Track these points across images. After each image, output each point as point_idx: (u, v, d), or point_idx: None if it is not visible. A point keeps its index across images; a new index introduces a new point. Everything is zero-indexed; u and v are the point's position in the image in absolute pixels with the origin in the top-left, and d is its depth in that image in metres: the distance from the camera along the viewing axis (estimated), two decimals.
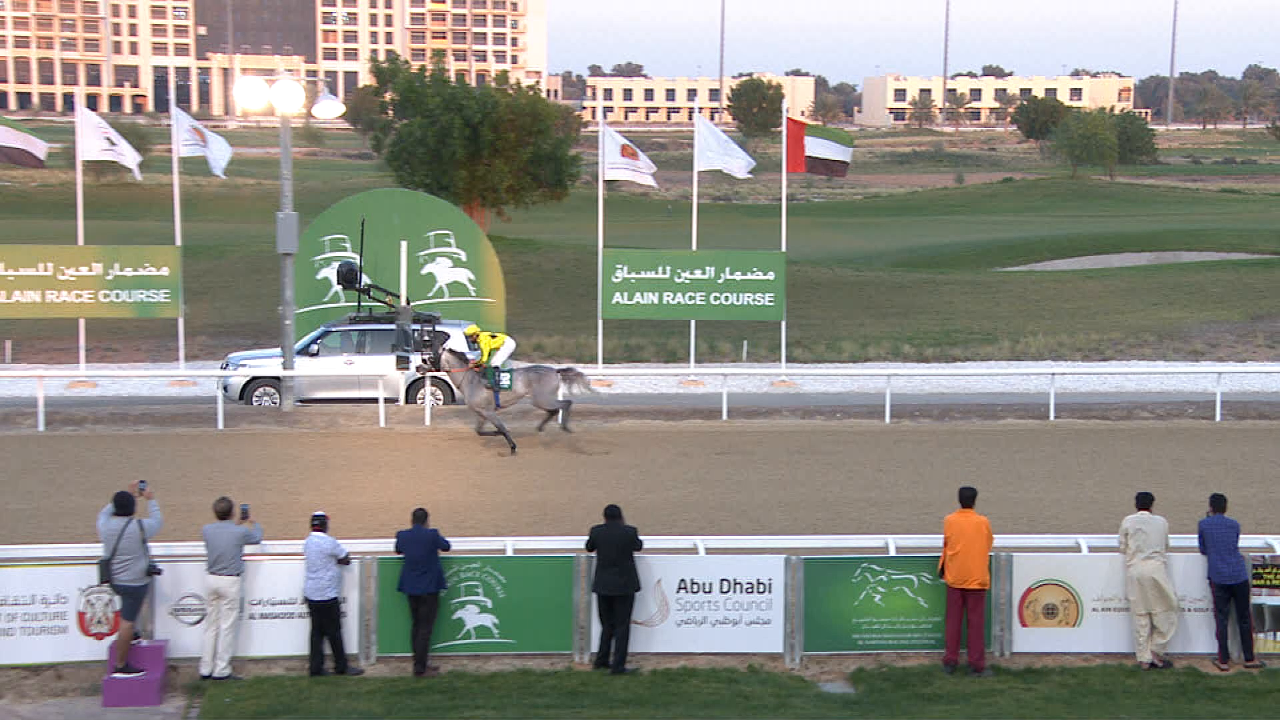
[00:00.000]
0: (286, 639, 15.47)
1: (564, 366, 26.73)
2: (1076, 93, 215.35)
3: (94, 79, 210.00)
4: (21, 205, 68.13)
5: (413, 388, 28.28)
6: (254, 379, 28.50)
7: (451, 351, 25.75)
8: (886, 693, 15.08)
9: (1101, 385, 32.46)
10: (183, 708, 14.55)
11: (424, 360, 25.74)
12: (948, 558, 15.57)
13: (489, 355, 25.36)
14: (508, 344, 26.91)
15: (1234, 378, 31.53)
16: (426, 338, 26.58)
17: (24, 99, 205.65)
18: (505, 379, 25.21)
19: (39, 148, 31.32)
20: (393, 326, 28.20)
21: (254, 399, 28.38)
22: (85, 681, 14.94)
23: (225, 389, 27.83)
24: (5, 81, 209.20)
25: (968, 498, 15.77)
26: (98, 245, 31.75)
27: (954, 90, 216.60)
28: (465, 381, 25.31)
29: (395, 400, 27.75)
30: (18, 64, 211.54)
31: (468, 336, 26.15)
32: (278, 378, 28.32)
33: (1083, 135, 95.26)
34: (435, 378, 26.76)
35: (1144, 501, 15.96)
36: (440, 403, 27.94)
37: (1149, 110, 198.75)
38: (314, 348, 28.68)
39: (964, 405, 29.31)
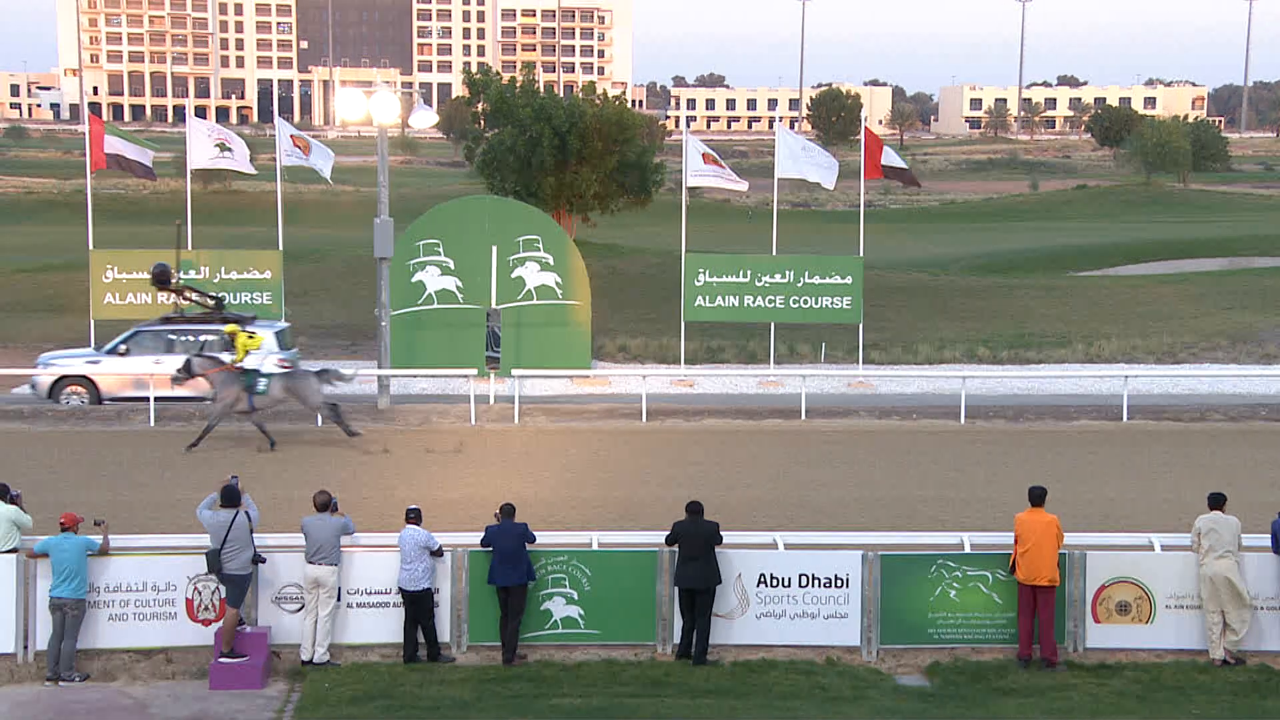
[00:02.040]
0: (382, 627, 15.86)
1: (320, 368, 26.69)
2: (1150, 101, 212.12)
3: (203, 91, 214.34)
4: (135, 212, 69.76)
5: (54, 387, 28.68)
6: (62, 378, 29.05)
7: (204, 356, 25.76)
8: (961, 686, 15.26)
9: (1174, 388, 32.46)
10: (284, 692, 14.95)
11: (178, 370, 25.46)
12: (1018, 555, 15.79)
13: (244, 355, 25.30)
14: (266, 343, 26.73)
15: None
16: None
17: (137, 111, 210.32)
18: (262, 383, 25.18)
19: (149, 159, 32.31)
20: (204, 327, 28.33)
21: (62, 398, 28.83)
22: (193, 665, 15.35)
23: (33, 387, 28.56)
24: (120, 94, 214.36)
25: (1038, 496, 15.97)
26: (205, 250, 32.70)
27: (1029, 99, 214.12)
28: (218, 380, 25.21)
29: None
30: (131, 78, 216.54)
31: (226, 335, 26.07)
32: (85, 376, 28.81)
33: (1157, 143, 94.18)
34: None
35: (1216, 501, 16.08)
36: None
37: (1222, 118, 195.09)
38: (122, 347, 29.09)
39: (1038, 407, 29.40)
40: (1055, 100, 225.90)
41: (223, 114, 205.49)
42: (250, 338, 25.80)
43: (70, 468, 23.72)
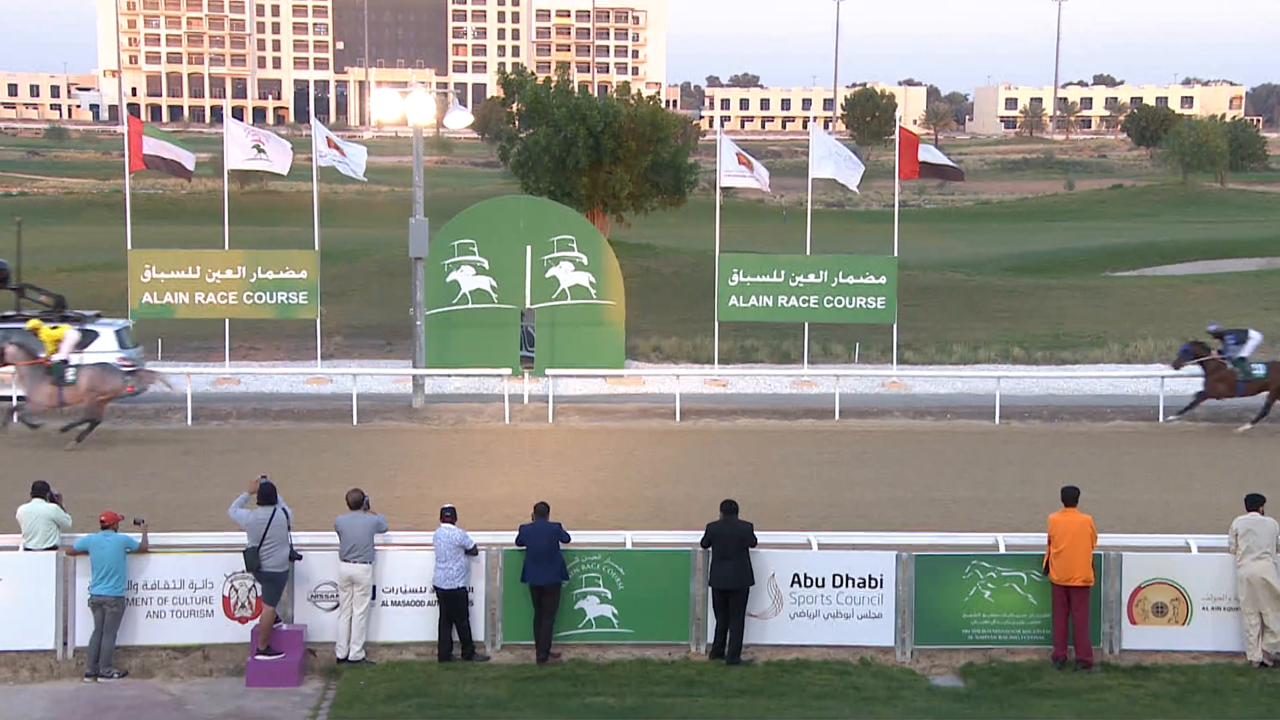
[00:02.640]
0: (417, 626, 15.91)
1: (133, 366, 26.55)
2: (1187, 101, 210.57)
3: (240, 92, 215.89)
4: (173, 212, 70.24)
5: None
6: None
7: (17, 345, 25.43)
8: (996, 687, 15.21)
9: None
10: (320, 689, 15.01)
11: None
12: (1052, 555, 15.73)
13: (54, 348, 25.16)
14: (69, 336, 26.25)
15: None
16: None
17: (175, 111, 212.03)
18: (70, 373, 25.04)
19: (188, 159, 32.56)
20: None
21: None
22: (229, 662, 15.44)
23: None
24: (158, 95, 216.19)
25: (1071, 496, 15.91)
26: (242, 250, 32.96)
27: (1065, 99, 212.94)
28: (27, 375, 25.08)
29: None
30: (170, 79, 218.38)
31: (29, 330, 25.83)
32: None
33: (1194, 142, 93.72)
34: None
35: (1254, 503, 15.98)
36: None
37: (1260, 117, 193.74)
38: None
39: (1073, 407, 29.31)
40: (1091, 100, 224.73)
41: (259, 114, 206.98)
42: (53, 328, 25.67)
43: (107, 467, 23.93)
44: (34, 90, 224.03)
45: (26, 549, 15.75)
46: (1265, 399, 27.86)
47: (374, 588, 15.82)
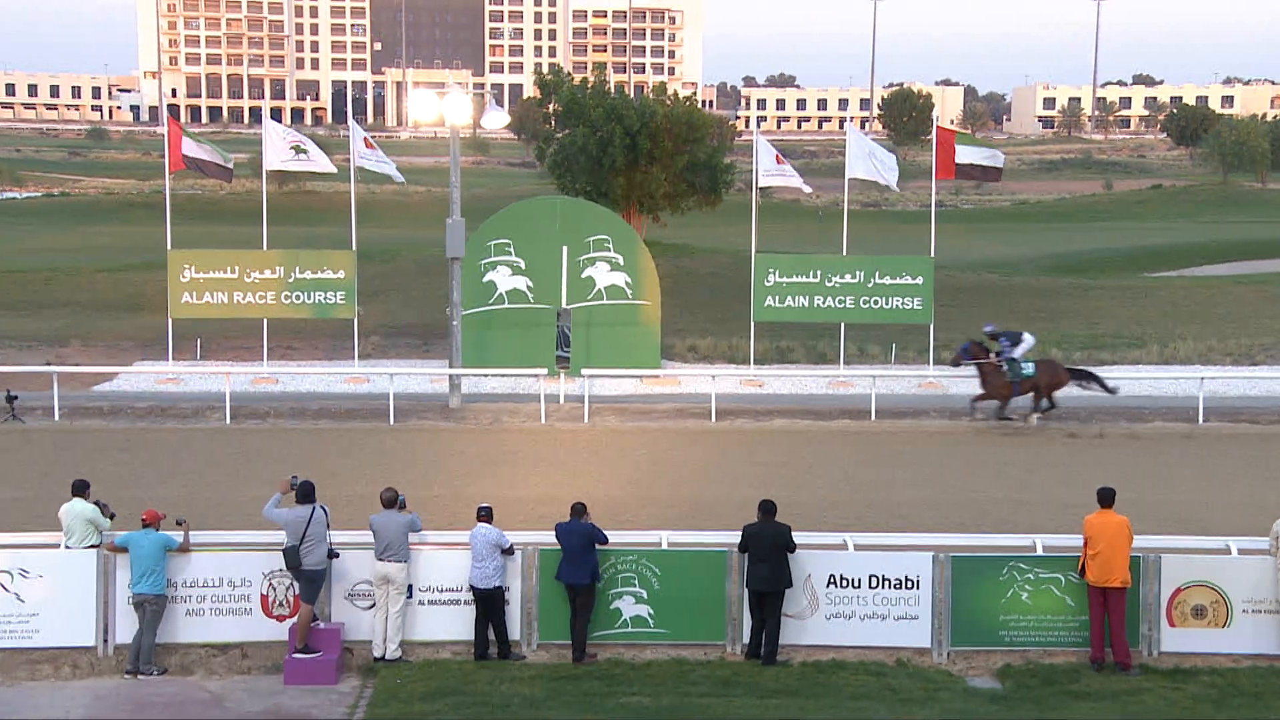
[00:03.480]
0: (453, 624, 15.94)
1: None
2: (1228, 100, 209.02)
3: (278, 93, 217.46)
4: (212, 212, 70.78)
5: None
6: None
7: None
8: (1034, 689, 15.12)
9: (1252, 390, 31.93)
10: (357, 687, 15.04)
11: None
12: (1088, 557, 15.63)
13: None
14: None
15: None
16: None
17: (214, 113, 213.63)
18: None
19: (225, 162, 32.75)
20: None
21: None
22: (268, 660, 15.50)
23: None
24: (198, 96, 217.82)
25: (1106, 498, 15.79)
26: (280, 250, 33.15)
27: (1103, 99, 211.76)
28: None
29: None
30: (209, 80, 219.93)
31: None
32: None
33: (1234, 142, 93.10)
34: None
35: None
36: None
37: None
38: None
39: (1111, 408, 29.12)
40: (1130, 99, 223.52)
41: (297, 115, 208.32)
42: None
43: (147, 465, 24.12)
44: (75, 92, 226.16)
45: (66, 547, 15.89)
46: (1033, 398, 28.03)
47: (410, 587, 15.87)
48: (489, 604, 15.73)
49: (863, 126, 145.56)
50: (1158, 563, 15.99)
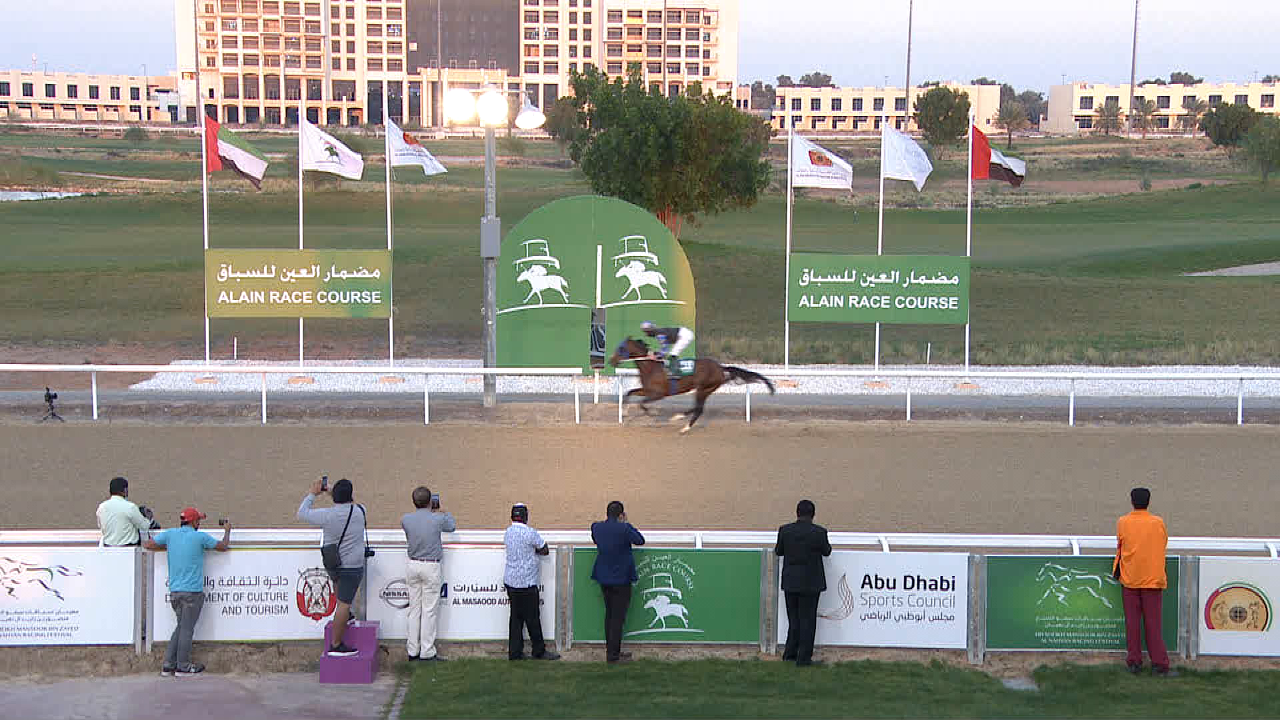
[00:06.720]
0: (488, 624, 15.97)
1: None
2: (1268, 99, 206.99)
3: (314, 94, 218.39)
4: (249, 212, 71.12)
5: None
6: None
7: None
8: (1070, 690, 15.04)
9: None
10: (392, 686, 15.10)
11: None
12: (1123, 559, 15.54)
13: None
14: None
15: None
16: None
17: (251, 113, 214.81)
18: None
19: (258, 168, 32.86)
20: None
21: None
22: (304, 659, 15.57)
23: None
24: (235, 97, 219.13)
25: (1141, 498, 15.69)
26: (316, 249, 33.28)
27: (1141, 98, 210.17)
28: None
29: None
30: (246, 80, 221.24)
31: None
32: None
33: (1274, 141, 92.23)
34: None
35: None
36: None
37: None
38: None
39: (1149, 409, 28.96)
40: (1169, 98, 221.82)
41: (333, 115, 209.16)
42: None
43: (184, 464, 24.25)
44: (114, 92, 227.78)
45: (105, 545, 16.00)
46: (695, 396, 27.76)
47: (444, 585, 15.91)
48: (523, 603, 15.75)
49: (898, 126, 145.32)
50: (1196, 564, 15.87)
